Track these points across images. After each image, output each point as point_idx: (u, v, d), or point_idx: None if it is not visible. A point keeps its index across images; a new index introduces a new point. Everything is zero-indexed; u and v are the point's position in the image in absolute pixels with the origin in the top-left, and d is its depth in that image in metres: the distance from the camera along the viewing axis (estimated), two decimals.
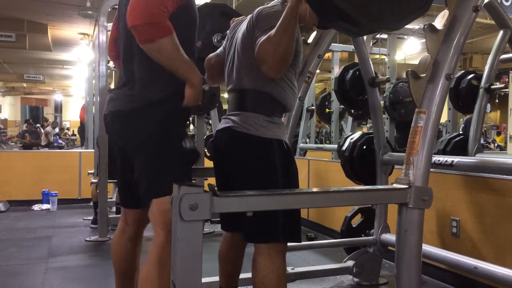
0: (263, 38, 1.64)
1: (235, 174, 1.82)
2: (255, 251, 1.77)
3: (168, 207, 1.51)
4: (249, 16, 1.84)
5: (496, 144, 12.94)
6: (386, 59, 4.71)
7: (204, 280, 1.65)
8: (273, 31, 1.61)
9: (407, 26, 1.88)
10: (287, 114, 2.13)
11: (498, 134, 15.46)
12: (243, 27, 1.85)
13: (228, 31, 2.04)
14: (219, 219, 4.63)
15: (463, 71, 4.53)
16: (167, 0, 1.54)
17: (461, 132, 4.07)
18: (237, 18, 2.05)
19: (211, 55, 2.08)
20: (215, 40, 2.35)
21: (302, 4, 1.61)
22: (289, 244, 1.83)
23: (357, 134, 3.27)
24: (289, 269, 2.72)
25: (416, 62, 1.97)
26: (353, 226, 3.25)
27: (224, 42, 2.05)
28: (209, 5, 2.61)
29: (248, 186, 1.67)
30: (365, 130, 10.26)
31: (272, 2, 1.87)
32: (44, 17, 10.93)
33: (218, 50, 2.07)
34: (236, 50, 1.86)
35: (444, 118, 4.32)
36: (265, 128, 1.78)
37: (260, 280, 1.71)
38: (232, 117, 1.83)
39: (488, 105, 5.51)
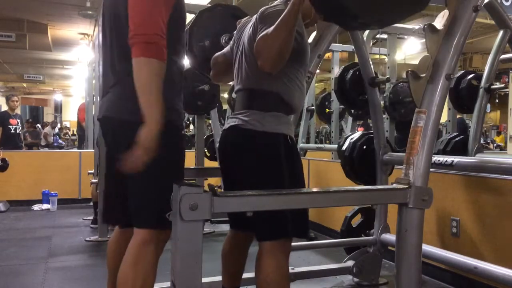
0: (263, 33, 1.65)
1: (241, 171, 1.83)
2: (259, 250, 1.77)
3: (146, 240, 1.55)
4: (254, 16, 1.85)
5: (495, 144, 12.93)
6: (386, 59, 4.72)
7: (204, 280, 1.64)
8: (272, 26, 1.62)
9: (407, 26, 1.88)
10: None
11: (498, 134, 15.46)
12: (248, 28, 1.86)
13: (235, 32, 2.05)
14: (219, 219, 4.68)
15: (463, 71, 4.53)
16: (163, 18, 1.56)
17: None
18: (243, 19, 2.05)
19: (217, 54, 2.09)
20: (223, 41, 2.39)
21: (305, 1, 1.61)
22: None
23: (357, 134, 3.27)
24: (289, 269, 2.72)
25: (416, 62, 1.96)
26: (353, 226, 3.25)
27: (231, 42, 2.06)
28: (222, 6, 2.64)
29: (254, 182, 1.68)
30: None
31: (276, 1, 1.87)
32: (44, 17, 10.92)
33: (225, 50, 2.08)
34: (244, 51, 1.87)
35: (444, 118, 4.33)
36: (270, 123, 1.79)
37: (263, 279, 1.72)
38: (238, 116, 1.84)
39: (488, 105, 5.50)
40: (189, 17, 2.36)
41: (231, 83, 2.37)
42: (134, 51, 1.53)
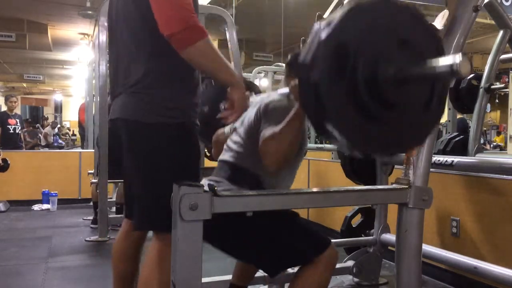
0: (269, 133, 1.64)
1: None
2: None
3: (166, 243, 1.52)
4: (258, 104, 1.83)
5: (492, 145, 12.93)
6: None
7: (204, 280, 1.64)
8: (279, 127, 1.61)
9: None
10: None
11: (498, 134, 15.48)
12: (250, 114, 1.83)
13: None
14: None
15: None
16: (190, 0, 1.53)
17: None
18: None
19: (219, 131, 2.09)
20: (223, 107, 2.38)
21: None
22: None
23: None
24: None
25: None
26: (353, 226, 3.25)
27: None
28: None
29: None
30: None
31: (279, 93, 1.87)
32: (44, 17, 10.93)
33: (225, 129, 2.07)
34: (240, 133, 1.86)
35: (444, 118, 4.33)
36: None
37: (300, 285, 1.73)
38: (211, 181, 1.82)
39: (488, 105, 5.51)
40: None
41: None
42: (176, 44, 1.48)
